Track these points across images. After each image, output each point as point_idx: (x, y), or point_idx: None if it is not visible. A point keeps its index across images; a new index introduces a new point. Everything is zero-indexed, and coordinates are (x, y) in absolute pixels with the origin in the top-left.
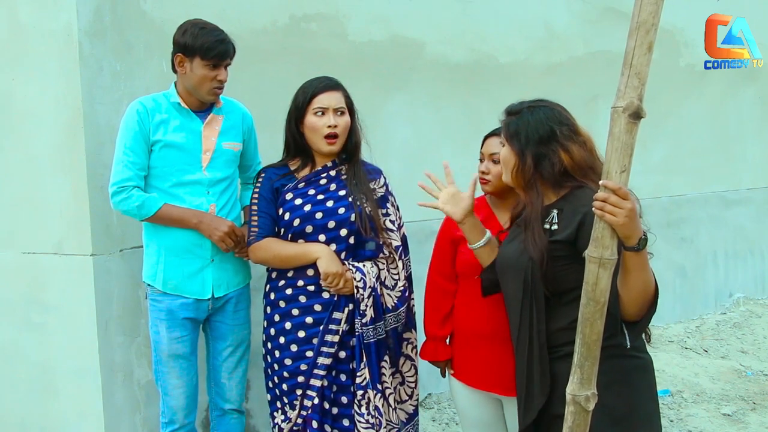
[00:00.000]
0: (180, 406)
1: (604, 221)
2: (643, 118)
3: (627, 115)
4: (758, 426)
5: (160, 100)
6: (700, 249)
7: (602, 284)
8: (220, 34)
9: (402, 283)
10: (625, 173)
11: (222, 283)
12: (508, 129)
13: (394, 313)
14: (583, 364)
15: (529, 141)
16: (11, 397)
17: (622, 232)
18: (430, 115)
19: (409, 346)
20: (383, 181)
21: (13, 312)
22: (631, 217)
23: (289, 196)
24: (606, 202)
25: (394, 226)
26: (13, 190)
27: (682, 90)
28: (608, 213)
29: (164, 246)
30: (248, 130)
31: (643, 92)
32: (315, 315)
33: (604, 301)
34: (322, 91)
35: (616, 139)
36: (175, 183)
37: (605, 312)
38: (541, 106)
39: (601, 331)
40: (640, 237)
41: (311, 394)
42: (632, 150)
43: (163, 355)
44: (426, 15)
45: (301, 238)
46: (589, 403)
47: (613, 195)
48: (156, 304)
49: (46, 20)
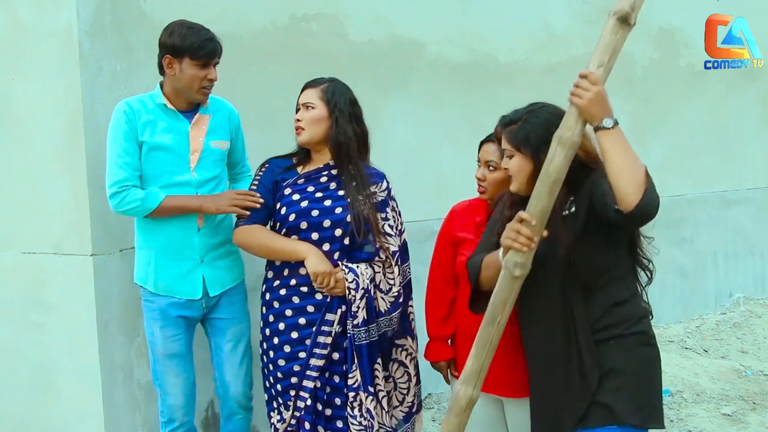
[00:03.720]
0: (178, 404)
1: (573, 103)
2: (631, 24)
3: (616, 18)
4: (758, 426)
5: (146, 101)
6: (700, 249)
7: (557, 161)
8: (207, 33)
9: (397, 288)
10: (603, 69)
11: (216, 282)
12: (516, 137)
13: (387, 317)
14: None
15: (540, 142)
16: (11, 397)
17: (587, 112)
18: (430, 115)
19: (403, 353)
20: (385, 185)
21: (13, 312)
22: (596, 100)
23: (288, 191)
24: (578, 87)
25: (393, 231)
26: (13, 190)
27: (682, 90)
28: (577, 95)
29: (154, 248)
30: (235, 128)
31: (637, 2)
32: (308, 316)
33: (556, 178)
34: (302, 91)
35: (602, 38)
36: (164, 184)
37: (554, 190)
38: (540, 107)
39: (546, 207)
40: (603, 117)
41: (303, 395)
42: (614, 51)
43: (158, 354)
44: (426, 15)
45: (295, 234)
46: (516, 268)
47: (585, 80)
48: (149, 305)
49: (46, 20)
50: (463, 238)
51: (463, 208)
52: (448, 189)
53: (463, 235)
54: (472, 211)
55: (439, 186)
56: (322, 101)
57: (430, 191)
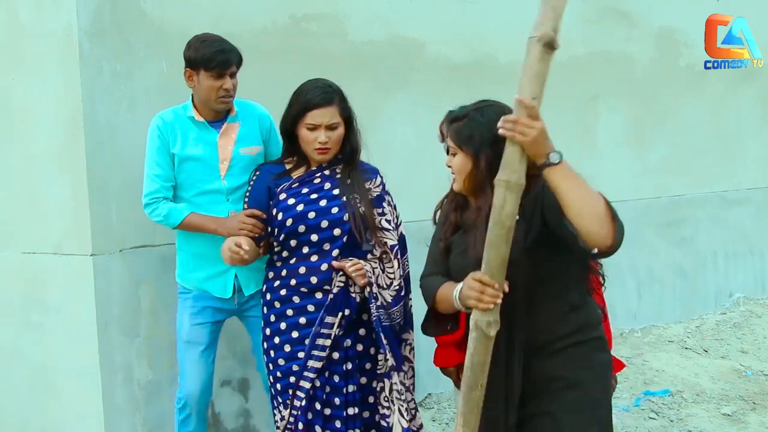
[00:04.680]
0: (193, 392)
1: (514, 141)
2: (556, 48)
3: (542, 44)
4: (758, 426)
5: (179, 113)
6: (700, 249)
7: (508, 208)
8: (220, 45)
9: (398, 282)
10: (536, 100)
11: (250, 281)
12: (460, 135)
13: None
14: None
15: (483, 143)
16: (11, 397)
17: (531, 151)
18: (430, 115)
19: (407, 348)
20: (379, 180)
21: (12, 312)
22: (541, 136)
23: (283, 196)
24: (517, 123)
25: (390, 225)
26: (13, 189)
27: (682, 90)
28: (518, 133)
29: (191, 251)
30: (267, 130)
31: (558, 24)
32: (308, 315)
33: (510, 225)
34: (316, 107)
35: (529, 67)
36: (197, 193)
37: (510, 237)
38: (487, 105)
39: (505, 256)
40: (549, 153)
41: (300, 395)
42: (544, 79)
43: (182, 341)
44: (426, 15)
45: (293, 238)
46: (490, 328)
47: (525, 116)
48: (183, 296)
49: (46, 20)
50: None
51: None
52: (448, 189)
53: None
54: None
55: (439, 186)
56: (341, 117)
57: (430, 191)
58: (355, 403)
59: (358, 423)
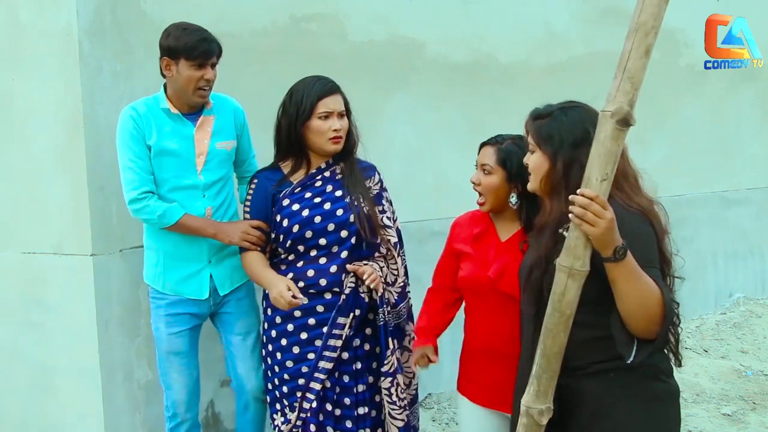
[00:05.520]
0: (181, 400)
1: (581, 230)
2: (632, 125)
3: (615, 120)
4: (758, 426)
5: (151, 105)
6: (700, 249)
7: (570, 295)
8: (202, 34)
9: (402, 278)
10: (606, 182)
11: (225, 281)
12: (540, 133)
13: (396, 309)
14: (541, 376)
15: (563, 144)
16: (11, 397)
17: (599, 242)
18: (430, 115)
19: (407, 339)
20: (378, 177)
21: (12, 312)
22: (610, 228)
23: (286, 202)
24: (587, 210)
25: (390, 222)
26: (14, 189)
27: (682, 90)
28: (588, 222)
29: (163, 250)
30: (241, 125)
31: (635, 98)
32: (317, 316)
33: (570, 313)
34: (327, 95)
35: (600, 145)
36: (171, 188)
37: (569, 325)
38: (573, 106)
39: (563, 344)
40: (616, 247)
41: (310, 396)
42: (617, 158)
43: (162, 351)
44: (426, 15)
45: (301, 243)
46: (542, 417)
47: (594, 203)
48: (156, 302)
49: (46, 20)
50: (459, 250)
51: (464, 221)
52: (448, 189)
53: (460, 247)
54: (471, 224)
55: (439, 186)
56: (346, 108)
57: (430, 191)
58: (365, 403)
59: (368, 422)
